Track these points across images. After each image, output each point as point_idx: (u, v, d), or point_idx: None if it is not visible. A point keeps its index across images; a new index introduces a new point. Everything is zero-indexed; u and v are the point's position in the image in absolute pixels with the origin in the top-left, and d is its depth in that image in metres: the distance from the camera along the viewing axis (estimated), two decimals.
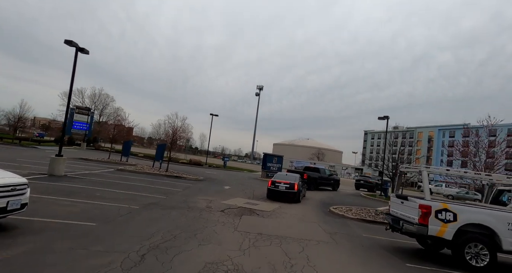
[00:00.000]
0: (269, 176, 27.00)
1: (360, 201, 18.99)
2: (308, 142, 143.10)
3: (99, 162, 21.58)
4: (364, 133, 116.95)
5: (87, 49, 13.00)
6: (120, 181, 13.38)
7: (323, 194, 20.38)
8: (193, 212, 8.84)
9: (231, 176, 25.49)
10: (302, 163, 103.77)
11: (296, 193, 13.79)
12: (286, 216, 10.34)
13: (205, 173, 24.59)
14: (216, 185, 17.51)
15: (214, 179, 20.98)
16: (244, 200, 12.74)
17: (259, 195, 15.27)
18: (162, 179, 16.71)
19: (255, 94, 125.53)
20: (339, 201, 17.43)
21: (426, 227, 6.18)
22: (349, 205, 14.76)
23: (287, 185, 13.75)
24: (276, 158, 28.16)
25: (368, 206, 15.88)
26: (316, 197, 17.76)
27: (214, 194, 13.58)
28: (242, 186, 18.73)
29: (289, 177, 14.66)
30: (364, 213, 12.16)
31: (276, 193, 13.81)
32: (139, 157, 35.02)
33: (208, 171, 28.02)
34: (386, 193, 21.36)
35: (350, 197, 20.71)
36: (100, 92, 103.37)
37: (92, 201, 8.43)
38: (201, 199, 11.50)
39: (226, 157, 35.58)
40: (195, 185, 16.01)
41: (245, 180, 23.26)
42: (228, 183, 19.11)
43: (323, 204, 15.12)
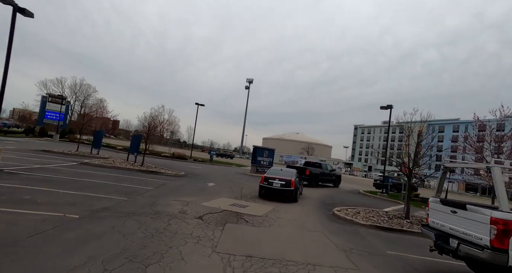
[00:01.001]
0: (259, 171, 24.81)
1: (361, 199, 17.02)
2: (298, 137, 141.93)
3: (64, 155, 18.74)
4: (354, 127, 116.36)
5: (30, 11, 10.18)
6: (76, 178, 10.80)
7: (321, 191, 18.34)
8: (158, 221, 6.46)
9: (217, 171, 23.11)
10: (292, 157, 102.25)
11: (293, 191, 11.86)
12: (283, 222, 8.10)
13: (188, 168, 22.11)
14: (198, 181, 15.11)
15: (197, 174, 18.56)
16: (230, 201, 10.44)
17: (248, 193, 13.01)
18: (133, 174, 14.16)
19: (245, 87, 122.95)
20: (339, 200, 15.40)
21: (506, 253, 4.02)
22: (351, 206, 12.71)
23: (282, 182, 11.82)
24: (267, 151, 25.93)
25: (372, 206, 13.88)
26: (313, 195, 15.66)
27: (193, 193, 11.21)
28: (229, 182, 16.41)
29: (284, 173, 12.71)
30: (375, 216, 10.07)
31: (269, 191, 11.88)
32: (117, 149, 32.10)
33: (192, 165, 25.53)
34: (388, 191, 19.49)
35: (349, 195, 18.74)
36: (81, 82, 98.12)
37: (7, 208, 5.91)
38: (175, 201, 9.11)
39: (213, 151, 33.05)
40: (173, 182, 13.56)
41: (233, 176, 20.94)
42: (213, 179, 16.74)
43: (324, 204, 13.01)
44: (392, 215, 10.59)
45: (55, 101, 39.37)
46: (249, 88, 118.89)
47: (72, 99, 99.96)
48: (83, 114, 24.97)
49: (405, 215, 10.25)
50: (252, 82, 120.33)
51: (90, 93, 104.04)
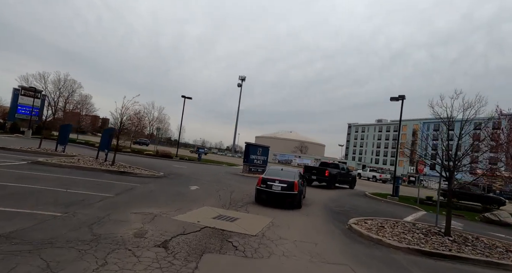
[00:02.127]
0: (252, 171, 22.32)
1: (372, 204, 14.68)
2: (291, 135, 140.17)
3: (21, 153, 15.82)
4: (348, 126, 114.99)
5: None
6: (10, 183, 8.08)
7: (324, 194, 16.03)
8: (87, 257, 3.87)
9: (205, 171, 20.48)
10: (286, 156, 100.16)
11: (296, 195, 9.87)
12: (288, 247, 5.61)
13: (171, 167, 19.42)
14: (179, 184, 12.49)
15: (180, 175, 15.90)
16: (215, 211, 7.91)
17: (239, 199, 10.52)
18: (96, 176, 11.44)
19: (237, 85, 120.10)
20: (348, 205, 13.01)
21: None
22: (366, 214, 10.36)
23: (283, 185, 9.84)
24: (260, 149, 23.40)
25: (390, 214, 11.55)
26: (317, 199, 13.29)
27: (168, 200, 8.62)
28: (216, 185, 13.83)
29: (285, 174, 10.73)
30: (405, 232, 7.66)
31: (268, 195, 9.93)
32: (95, 147, 29.02)
33: (177, 164, 22.82)
34: (398, 193, 17.23)
35: (356, 199, 16.40)
36: (65, 78, 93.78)
37: None
38: (135, 215, 6.52)
39: (201, 149, 30.33)
40: (145, 185, 10.90)
41: (222, 176, 18.36)
42: (197, 181, 14.14)
43: (332, 212, 10.58)
44: (425, 229, 8.21)
45: (29, 94, 35.86)
46: (241, 85, 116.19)
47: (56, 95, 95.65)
48: (64, 110, 21.93)
49: (445, 230, 7.88)
50: (245, 80, 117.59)
51: (75, 89, 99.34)
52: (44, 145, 19.04)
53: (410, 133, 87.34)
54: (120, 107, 14.53)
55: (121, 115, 14.56)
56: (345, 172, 22.04)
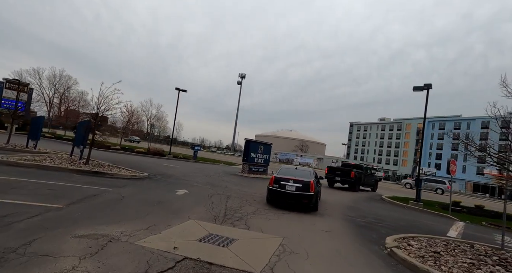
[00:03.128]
0: (253, 171, 20.07)
1: (395, 212, 12.44)
2: (291, 134, 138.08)
3: None
4: (349, 125, 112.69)
5: None
6: None
7: (339, 197, 13.90)
8: None
9: (199, 171, 18.22)
10: (287, 155, 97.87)
11: (313, 196, 9.06)
12: None
13: (160, 167, 17.15)
14: (163, 187, 10.22)
15: (169, 175, 13.64)
16: (203, 228, 5.67)
17: (238, 207, 8.29)
18: (58, 178, 9.16)
19: (237, 83, 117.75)
20: (369, 213, 10.80)
21: None
22: (398, 228, 8.12)
23: (298, 185, 9.09)
24: (262, 146, 21.13)
25: (418, 223, 9.32)
26: (333, 203, 11.20)
27: (140, 212, 6.35)
28: (210, 187, 11.58)
29: (300, 173, 10.00)
30: (478, 266, 5.37)
31: (281, 196, 9.20)
32: None
33: (168, 163, 20.54)
34: (420, 197, 14.95)
35: (373, 204, 14.17)
36: (61, 73, 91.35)
37: None
38: (79, 239, 4.27)
39: (197, 146, 28.04)
40: (118, 190, 8.62)
41: (218, 177, 16.09)
42: (188, 183, 11.88)
43: (357, 225, 8.32)
44: (497, 257, 5.94)
45: (13, 88, 33.49)
46: (241, 83, 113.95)
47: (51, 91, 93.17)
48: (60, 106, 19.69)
49: None
50: (245, 77, 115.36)
51: (70, 85, 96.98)
52: (16, 140, 16.76)
53: (415, 132, 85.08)
54: (96, 95, 12.23)
55: (98, 105, 12.25)
56: (369, 173, 20.96)
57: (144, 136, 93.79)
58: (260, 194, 11.78)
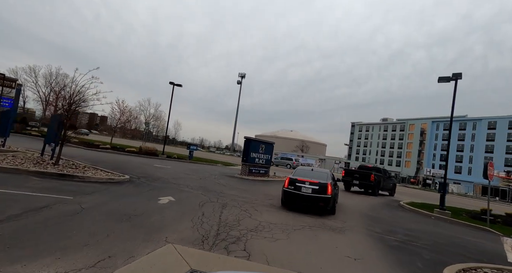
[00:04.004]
0: (253, 173, 18.20)
1: (424, 225, 10.56)
2: (292, 134, 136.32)
3: None
4: (351, 125, 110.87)
5: None
6: None
7: (356, 202, 12.18)
8: None
9: (193, 173, 16.33)
10: (287, 155, 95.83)
11: (330, 199, 8.72)
12: None
13: (149, 168, 15.26)
14: (143, 194, 8.33)
15: (156, 178, 11.74)
16: (182, 259, 3.74)
17: (235, 221, 6.47)
18: (11, 184, 7.27)
19: (237, 82, 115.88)
20: (396, 225, 8.92)
21: None
22: (441, 251, 6.26)
23: (315, 187, 8.76)
24: (263, 145, 19.24)
25: (458, 239, 7.44)
26: (349, 207, 9.34)
27: (96, 233, 4.46)
28: (203, 194, 9.70)
29: (317, 174, 9.65)
30: None
31: (297, 198, 8.89)
32: None
33: (160, 164, 18.64)
34: (444, 203, 13.03)
35: (394, 212, 12.32)
36: (57, 72, 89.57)
37: None
38: None
39: (193, 146, 26.13)
40: (81, 198, 6.73)
41: (213, 180, 14.21)
42: (176, 188, 9.99)
43: (391, 247, 6.43)
44: None
45: None
46: (241, 83, 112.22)
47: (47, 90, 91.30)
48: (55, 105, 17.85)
49: None
50: (245, 77, 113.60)
51: (67, 84, 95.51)
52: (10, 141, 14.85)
53: (418, 133, 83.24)
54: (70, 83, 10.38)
55: (71, 95, 10.36)
56: (387, 177, 19.87)
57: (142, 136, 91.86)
58: (263, 201, 9.91)
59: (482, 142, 67.83)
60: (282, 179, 20.61)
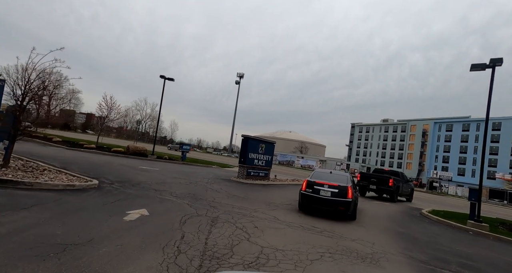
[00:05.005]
0: (252, 176, 16.24)
1: (464, 242, 8.62)
2: (291, 135, 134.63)
3: None
4: (351, 126, 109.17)
5: None
6: None
7: (370, 206, 10.11)
8: None
9: (183, 176, 14.34)
10: (287, 156, 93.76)
11: (350, 203, 8.18)
12: None
13: (132, 170, 13.25)
14: (106, 206, 6.32)
15: (135, 183, 9.72)
16: None
17: (227, 246, 4.46)
18: None
19: (235, 82, 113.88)
20: (428, 239, 6.97)
21: None
22: None
23: (334, 190, 8.27)
24: (263, 145, 17.24)
25: None
26: (371, 215, 7.38)
27: None
28: (189, 204, 7.72)
29: (336, 177, 9.10)
30: None
31: (315, 202, 8.38)
32: (52, 142, 22.75)
33: (147, 165, 16.60)
34: (476, 214, 11.07)
35: (420, 223, 10.40)
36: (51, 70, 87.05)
37: None
38: None
39: (186, 146, 24.05)
40: (4, 218, 4.72)
41: (205, 185, 12.22)
42: (156, 197, 8.00)
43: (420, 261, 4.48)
44: None
45: None
46: (239, 83, 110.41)
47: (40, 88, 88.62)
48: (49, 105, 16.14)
49: None
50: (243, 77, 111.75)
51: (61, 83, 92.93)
52: None
53: (420, 134, 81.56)
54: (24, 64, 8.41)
55: (24, 82, 8.39)
56: (405, 181, 18.49)
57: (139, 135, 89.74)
58: (264, 212, 7.95)
59: (487, 143, 66.14)
60: (284, 182, 18.62)
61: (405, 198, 18.56)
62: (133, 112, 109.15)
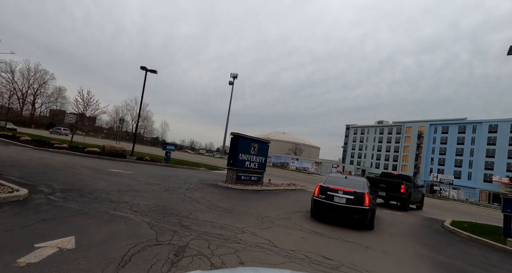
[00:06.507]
0: (243, 180, 14.09)
1: None
2: (285, 137, 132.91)
3: None
4: (346, 127, 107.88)
5: None
6: None
7: (382, 216, 8.03)
8: None
9: (160, 181, 12.08)
10: (282, 158, 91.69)
11: (367, 211, 7.52)
12: None
13: (97, 174, 10.95)
14: (9, 235, 4.09)
15: (88, 192, 7.47)
16: None
17: None
18: None
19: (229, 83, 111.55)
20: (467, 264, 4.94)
21: None
22: None
23: (349, 196, 7.67)
24: (256, 145, 15.07)
25: None
26: (390, 231, 5.21)
27: None
28: (150, 223, 5.53)
29: (351, 183, 8.34)
30: None
31: (329, 209, 7.83)
32: (22, 142, 20.16)
33: (121, 168, 14.25)
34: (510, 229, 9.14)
35: (448, 240, 8.42)
36: (36, 67, 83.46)
37: None
38: None
39: (170, 146, 21.56)
40: None
41: (183, 193, 10.02)
42: (104, 214, 5.78)
43: None
44: None
45: None
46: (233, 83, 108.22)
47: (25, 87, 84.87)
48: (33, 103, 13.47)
49: None
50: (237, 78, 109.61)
51: (46, 81, 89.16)
52: None
53: (415, 136, 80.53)
54: None
55: None
56: (417, 187, 16.47)
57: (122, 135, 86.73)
58: (254, 233, 5.78)
59: (483, 146, 65.27)
60: (280, 187, 16.50)
61: (415, 205, 16.56)
62: (123, 112, 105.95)
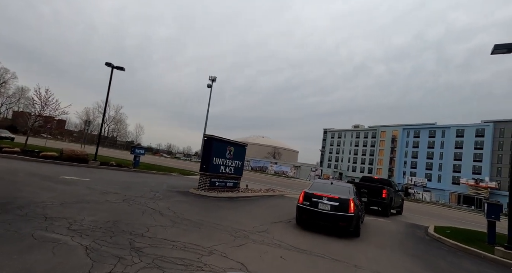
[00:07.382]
0: (217, 187, 12.94)
1: None
2: (264, 140, 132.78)
3: None
4: (323, 131, 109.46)
5: None
6: None
7: (366, 224, 7.24)
8: None
9: (119, 191, 10.67)
10: (260, 162, 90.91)
11: (352, 218, 7.45)
12: None
13: (44, 182, 9.39)
14: None
15: (21, 205, 6.06)
16: None
17: None
18: None
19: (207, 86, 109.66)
20: None
21: None
22: None
23: (334, 203, 7.56)
24: (232, 148, 13.99)
25: None
26: (374, 236, 4.40)
27: None
28: (90, 246, 4.31)
29: (337, 188, 8.35)
30: None
31: (313, 216, 7.73)
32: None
33: (77, 174, 12.59)
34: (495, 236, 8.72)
35: (437, 251, 7.83)
36: None
37: None
38: None
39: (139, 149, 19.88)
40: None
41: (145, 204, 8.77)
42: (30, 235, 4.48)
43: None
44: None
45: None
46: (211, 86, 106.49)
47: None
48: None
49: None
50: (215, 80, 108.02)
51: (7, 80, 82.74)
52: None
53: (389, 140, 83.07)
54: None
55: None
56: (397, 191, 16.05)
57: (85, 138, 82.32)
58: (225, 254, 4.72)
59: (451, 149, 68.46)
60: (257, 193, 15.53)
61: (395, 210, 16.20)
62: (95, 114, 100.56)
